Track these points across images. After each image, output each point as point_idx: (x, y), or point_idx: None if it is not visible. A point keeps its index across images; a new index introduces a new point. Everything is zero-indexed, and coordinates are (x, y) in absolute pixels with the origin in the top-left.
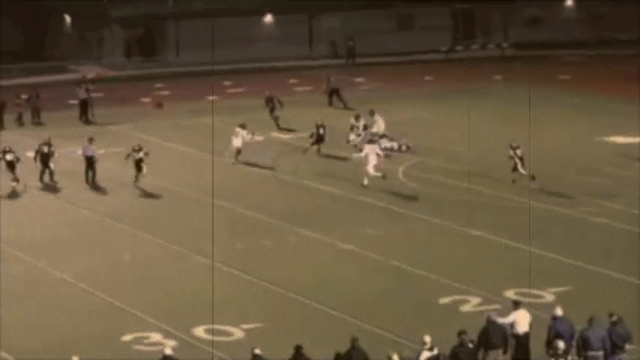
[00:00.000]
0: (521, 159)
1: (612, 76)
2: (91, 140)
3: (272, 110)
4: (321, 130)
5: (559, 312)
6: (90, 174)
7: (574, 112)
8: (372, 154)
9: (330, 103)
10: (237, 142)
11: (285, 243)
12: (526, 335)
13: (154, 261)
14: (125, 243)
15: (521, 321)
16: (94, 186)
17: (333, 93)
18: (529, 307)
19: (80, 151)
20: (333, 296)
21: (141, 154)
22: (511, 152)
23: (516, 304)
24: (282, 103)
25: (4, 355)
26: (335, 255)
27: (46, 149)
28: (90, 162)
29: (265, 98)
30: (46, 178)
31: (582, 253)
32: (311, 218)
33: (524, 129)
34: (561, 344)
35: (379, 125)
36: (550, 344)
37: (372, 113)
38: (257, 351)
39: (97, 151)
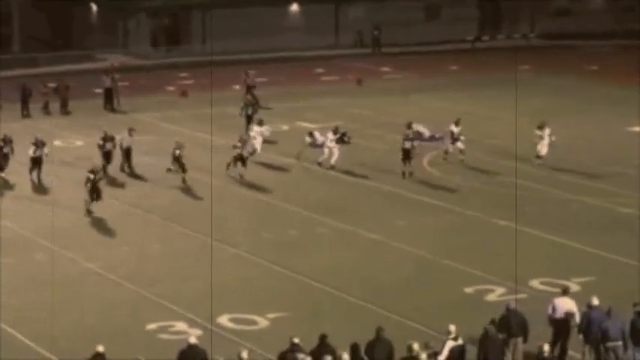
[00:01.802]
0: (408, 151)
1: (638, 67)
2: (131, 130)
3: (249, 113)
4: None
5: (595, 301)
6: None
7: (602, 102)
8: (329, 143)
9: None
10: (257, 144)
11: (311, 233)
12: (564, 322)
13: (181, 250)
14: (152, 233)
15: (561, 307)
16: (130, 175)
17: (249, 89)
18: (555, 296)
19: (118, 138)
20: (359, 286)
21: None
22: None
23: (564, 291)
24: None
25: (28, 342)
26: (361, 245)
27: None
28: (126, 152)
29: (247, 100)
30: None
31: (609, 243)
32: (337, 208)
33: (550, 119)
34: (546, 347)
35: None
36: (582, 332)
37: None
38: (296, 340)
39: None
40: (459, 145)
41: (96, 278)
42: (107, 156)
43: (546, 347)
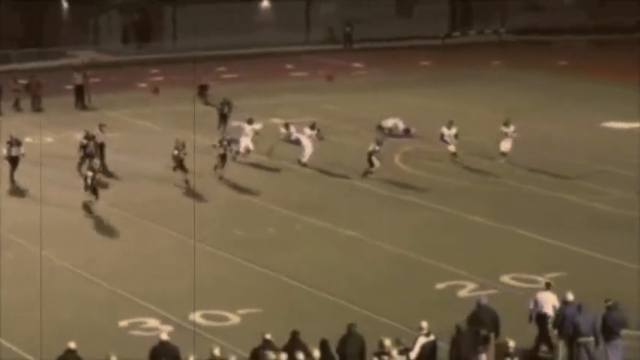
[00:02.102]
0: (370, 153)
1: (610, 62)
2: (101, 127)
3: (222, 113)
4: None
5: (570, 297)
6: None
7: (573, 97)
8: (304, 139)
9: (204, 99)
10: (246, 142)
11: (287, 230)
12: (545, 317)
13: (154, 248)
14: (125, 230)
15: (543, 302)
16: (105, 173)
17: (202, 89)
18: (526, 291)
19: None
20: (331, 282)
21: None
22: (374, 147)
23: (548, 285)
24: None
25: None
26: (334, 241)
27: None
28: (100, 148)
29: (222, 101)
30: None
31: (581, 239)
32: (313, 205)
33: (521, 114)
34: (512, 343)
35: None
36: (557, 327)
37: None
38: (268, 336)
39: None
40: (451, 147)
41: (69, 276)
42: (89, 157)
43: (511, 343)
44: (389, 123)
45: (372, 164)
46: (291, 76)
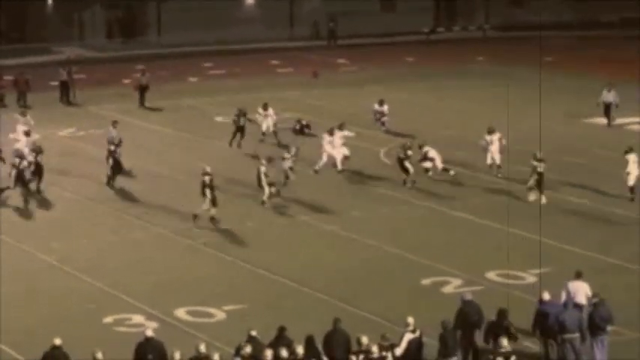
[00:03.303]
0: (402, 160)
1: (595, 58)
2: (114, 123)
3: (239, 125)
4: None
5: (546, 296)
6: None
7: (558, 93)
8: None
9: (142, 103)
10: (345, 150)
11: (268, 225)
12: (578, 306)
13: (137, 243)
14: (111, 226)
15: (575, 291)
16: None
17: (143, 90)
18: (510, 288)
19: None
20: (316, 278)
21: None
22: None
23: (578, 275)
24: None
25: None
26: (319, 236)
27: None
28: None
29: (237, 112)
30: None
31: (564, 234)
32: (295, 200)
33: (505, 110)
34: (505, 342)
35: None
36: (538, 326)
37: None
38: (253, 332)
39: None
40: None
41: (52, 271)
42: (117, 164)
43: (504, 342)
44: (385, 108)
45: (406, 171)
46: (276, 72)
